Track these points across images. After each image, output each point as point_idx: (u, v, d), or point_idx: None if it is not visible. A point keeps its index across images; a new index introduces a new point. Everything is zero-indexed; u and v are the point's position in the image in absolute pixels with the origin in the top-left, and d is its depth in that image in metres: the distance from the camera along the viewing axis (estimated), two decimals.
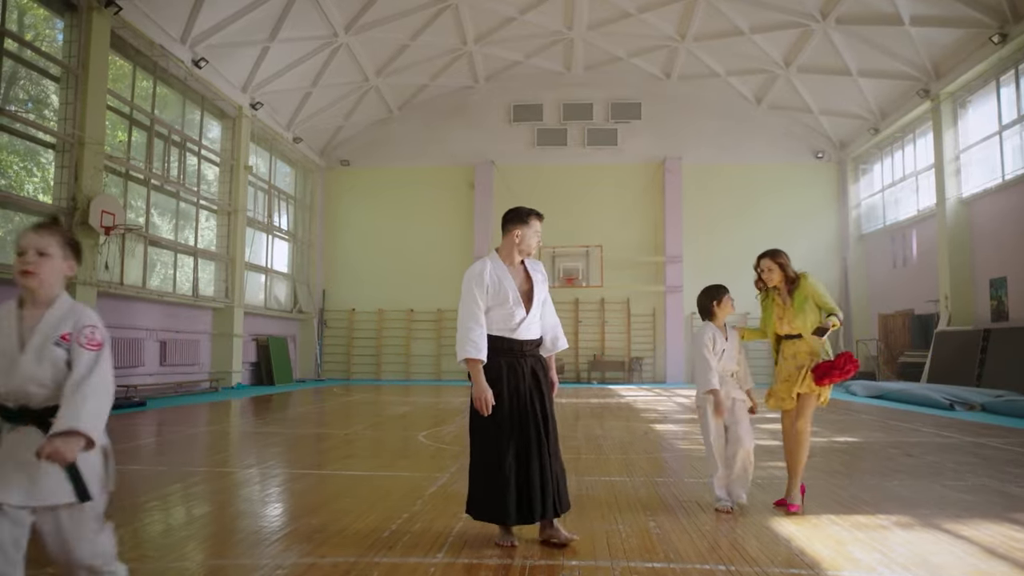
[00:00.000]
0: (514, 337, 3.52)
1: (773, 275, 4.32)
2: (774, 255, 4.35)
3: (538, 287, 3.62)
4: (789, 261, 4.36)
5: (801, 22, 16.30)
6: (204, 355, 15.56)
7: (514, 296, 3.52)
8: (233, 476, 5.49)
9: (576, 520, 3.91)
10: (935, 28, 14.61)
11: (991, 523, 3.81)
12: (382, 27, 16.92)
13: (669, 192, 20.84)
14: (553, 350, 3.74)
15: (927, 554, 3.23)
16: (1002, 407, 10.58)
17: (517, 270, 3.63)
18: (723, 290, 4.42)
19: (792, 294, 4.26)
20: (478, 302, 3.47)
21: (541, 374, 3.58)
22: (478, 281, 3.49)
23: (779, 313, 4.33)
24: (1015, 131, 13.78)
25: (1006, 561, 3.14)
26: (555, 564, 3.14)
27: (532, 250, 3.65)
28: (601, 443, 7.32)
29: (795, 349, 4.24)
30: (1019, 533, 3.61)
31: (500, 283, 3.52)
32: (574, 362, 20.75)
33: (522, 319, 3.52)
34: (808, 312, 4.21)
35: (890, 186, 19.12)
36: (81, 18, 11.38)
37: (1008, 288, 13.77)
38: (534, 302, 3.57)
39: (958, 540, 3.47)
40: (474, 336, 3.42)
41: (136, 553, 3.30)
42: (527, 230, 3.60)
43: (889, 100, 17.83)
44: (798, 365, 4.19)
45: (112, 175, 12.77)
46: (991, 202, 14.50)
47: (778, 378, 4.31)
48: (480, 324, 3.46)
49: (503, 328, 3.51)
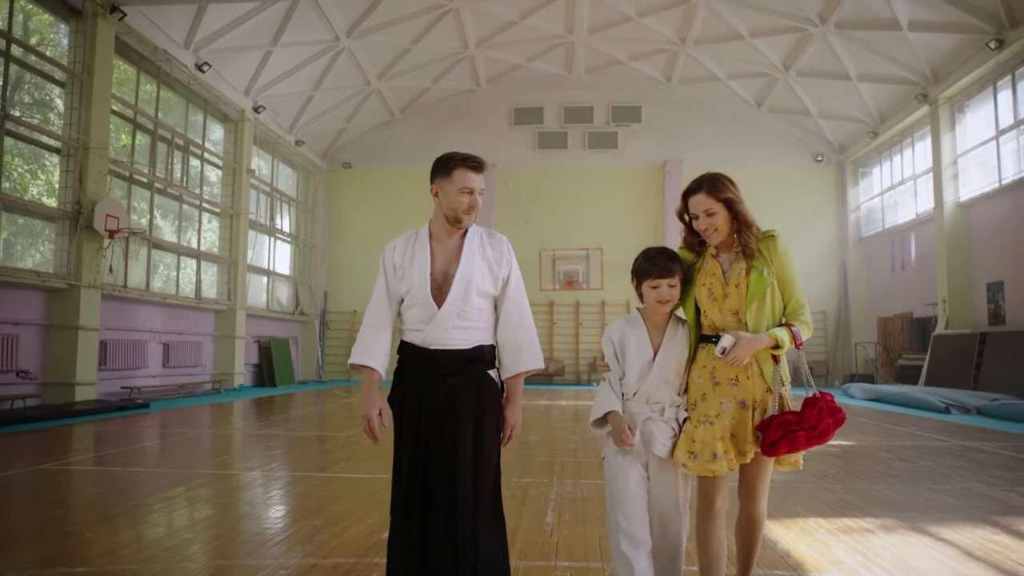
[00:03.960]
0: (421, 344, 2.50)
1: (716, 222, 2.50)
2: (714, 185, 2.51)
3: (465, 270, 2.50)
4: (741, 199, 2.52)
5: (800, 27, 16.40)
6: (207, 357, 15.68)
7: (420, 281, 2.51)
8: (236, 478, 5.60)
9: (571, 523, 4.01)
10: (933, 33, 14.70)
11: (973, 527, 3.91)
12: (384, 31, 17.03)
13: (669, 195, 20.93)
14: (515, 369, 2.54)
15: (908, 557, 3.33)
16: (997, 411, 10.68)
17: (446, 246, 2.57)
18: (655, 263, 2.55)
19: (751, 261, 2.49)
20: (382, 291, 2.62)
21: (469, 404, 2.45)
22: (384, 261, 2.62)
23: (714, 288, 2.54)
24: (1012, 136, 13.87)
25: (984, 564, 3.25)
26: (548, 565, 3.24)
27: (462, 215, 2.50)
28: (599, 445, 7.42)
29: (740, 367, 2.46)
30: (999, 536, 3.71)
31: (412, 263, 2.55)
32: (574, 364, 20.85)
33: (430, 317, 2.48)
34: (768, 300, 2.48)
35: (889, 189, 19.22)
36: (86, 24, 11.51)
37: (1005, 292, 13.86)
38: (451, 292, 2.47)
39: (940, 543, 3.58)
40: (365, 336, 2.59)
41: (144, 555, 3.41)
42: (448, 185, 2.49)
43: (888, 104, 17.93)
44: (739, 399, 2.46)
45: (116, 178, 12.90)
46: (988, 206, 14.59)
47: (697, 415, 2.50)
48: (378, 322, 2.60)
49: (413, 330, 2.55)
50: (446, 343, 2.47)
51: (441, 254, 2.56)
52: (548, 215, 21.11)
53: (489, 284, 2.54)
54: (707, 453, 2.42)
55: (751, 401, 2.46)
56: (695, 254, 2.67)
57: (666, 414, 2.54)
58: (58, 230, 11.31)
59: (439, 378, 2.47)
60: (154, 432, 8.53)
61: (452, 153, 2.54)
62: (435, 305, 2.47)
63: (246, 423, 9.97)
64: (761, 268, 2.47)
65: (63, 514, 4.22)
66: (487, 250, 2.58)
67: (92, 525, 3.91)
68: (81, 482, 5.37)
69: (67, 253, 11.16)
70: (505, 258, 2.59)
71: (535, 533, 3.80)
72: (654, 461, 2.53)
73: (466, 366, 2.49)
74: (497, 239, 2.63)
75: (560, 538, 3.69)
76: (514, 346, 2.55)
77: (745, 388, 2.47)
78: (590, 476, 5.58)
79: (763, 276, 2.47)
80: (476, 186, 2.50)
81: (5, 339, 10.11)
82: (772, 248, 2.50)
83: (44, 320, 10.89)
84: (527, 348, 2.57)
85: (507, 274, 2.58)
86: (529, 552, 3.44)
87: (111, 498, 4.71)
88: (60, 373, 10.90)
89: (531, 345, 2.59)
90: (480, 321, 2.53)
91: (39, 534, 3.73)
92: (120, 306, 12.61)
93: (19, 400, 10.01)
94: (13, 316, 10.31)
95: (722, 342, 2.41)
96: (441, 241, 2.57)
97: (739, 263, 2.52)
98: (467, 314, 2.50)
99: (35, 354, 10.71)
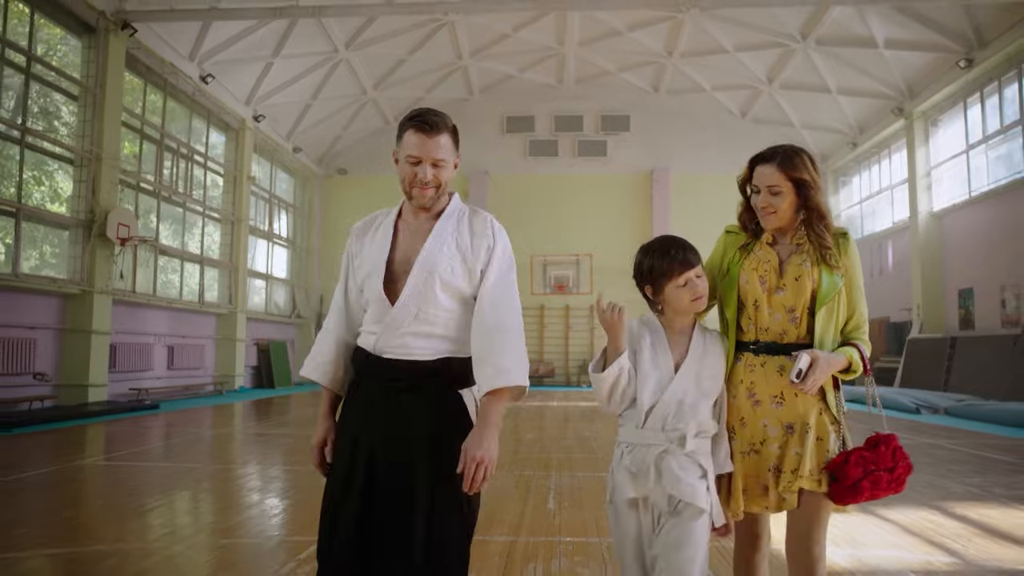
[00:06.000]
0: (373, 351, 1.95)
1: (779, 203, 2.09)
2: (789, 160, 2.09)
3: (427, 257, 1.94)
4: (819, 185, 2.11)
5: (783, 42, 17.08)
6: (209, 359, 16.15)
7: (375, 269, 1.98)
8: (239, 477, 6.15)
9: (570, 508, 4.59)
10: (907, 51, 15.42)
11: (915, 509, 4.52)
12: (381, 43, 17.57)
13: (657, 201, 21.61)
14: (487, 385, 1.89)
15: (855, 533, 3.93)
16: (963, 411, 11.37)
17: (414, 229, 2.04)
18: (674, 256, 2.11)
19: (825, 259, 2.09)
20: (341, 284, 2.13)
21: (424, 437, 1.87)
22: (349, 246, 2.17)
23: (768, 277, 2.12)
24: (981, 150, 14.61)
25: (918, 538, 3.87)
26: (552, 541, 3.82)
27: (414, 192, 2.01)
28: (591, 443, 8.02)
29: (785, 380, 2.04)
30: (935, 516, 4.33)
31: (371, 247, 2.07)
32: (564, 366, 21.46)
33: (382, 314, 1.94)
34: (836, 308, 2.10)
35: (868, 198, 19.97)
36: (99, 40, 11.99)
37: (975, 299, 14.59)
38: (408, 285, 1.92)
39: (884, 522, 4.18)
40: (317, 341, 2.11)
41: (148, 549, 3.96)
42: (399, 152, 2.02)
43: (866, 117, 18.66)
44: (785, 421, 2.05)
45: (125, 187, 13.36)
46: (960, 216, 15.32)
47: (739, 444, 2.10)
48: (329, 325, 2.10)
49: (368, 332, 2.00)
50: (401, 352, 1.91)
51: (407, 238, 2.01)
52: (539, 221, 21.69)
53: (460, 278, 1.94)
54: (756, 488, 2.04)
55: (799, 425, 2.03)
56: (748, 234, 2.22)
57: (689, 445, 1.99)
58: (72, 238, 11.77)
59: (392, 395, 1.90)
60: (165, 432, 9.04)
61: (412, 110, 2.01)
62: (388, 301, 1.92)
63: (247, 424, 10.48)
64: (832, 268, 2.07)
65: (105, 504, 4.77)
66: (464, 235, 1.98)
67: (138, 513, 4.46)
68: (120, 476, 5.91)
69: (80, 260, 11.63)
70: (486, 244, 1.98)
71: (540, 516, 4.37)
72: (671, 507, 1.97)
73: (427, 382, 1.90)
74: (482, 219, 2.03)
75: (562, 520, 4.26)
76: (487, 355, 1.89)
77: (792, 408, 2.03)
78: (585, 470, 6.15)
79: (834, 277, 2.06)
80: (428, 154, 1.94)
81: (23, 343, 10.57)
82: (844, 249, 2.11)
83: (59, 324, 11.35)
84: (500, 360, 1.88)
85: (486, 263, 1.97)
86: (536, 531, 4.01)
87: (150, 489, 5.25)
88: (74, 375, 11.36)
89: (513, 355, 1.90)
90: (449, 327, 1.94)
91: (98, 520, 4.28)
92: (129, 311, 13.08)
93: (37, 401, 10.48)
94: (30, 321, 10.78)
95: (799, 363, 1.94)
96: (408, 222, 2.05)
97: (800, 255, 2.10)
98: (429, 316, 1.91)
99: (50, 357, 11.17)
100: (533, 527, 4.10)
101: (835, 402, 2.07)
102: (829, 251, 2.07)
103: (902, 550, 3.65)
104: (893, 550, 3.65)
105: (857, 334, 2.12)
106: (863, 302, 2.15)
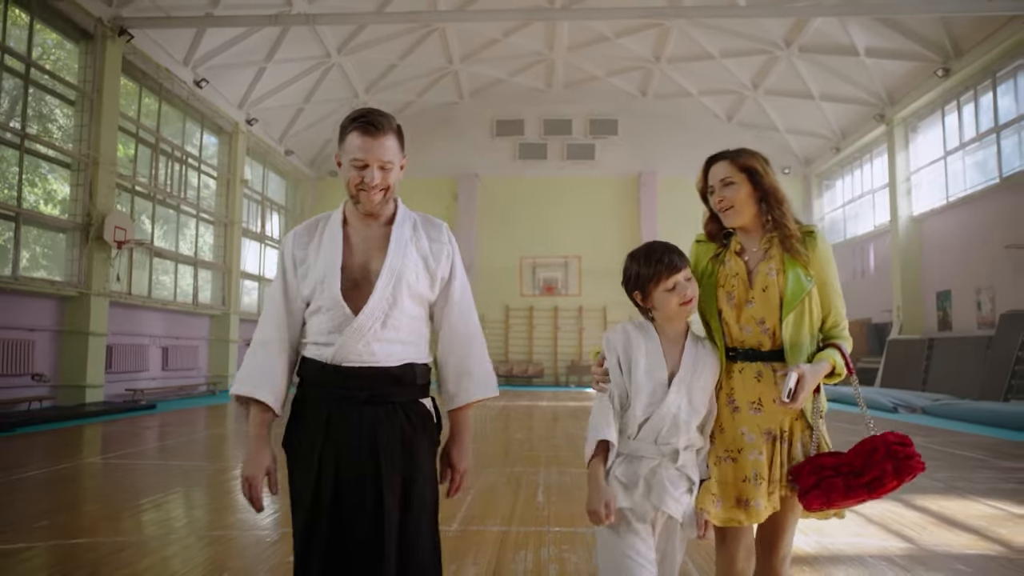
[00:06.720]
0: (329, 362, 1.89)
1: (733, 195, 2.12)
2: (737, 153, 2.17)
3: (393, 263, 1.90)
4: (770, 172, 2.13)
5: (767, 49, 17.47)
6: (202, 360, 16.35)
7: (329, 276, 1.90)
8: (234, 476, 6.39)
9: (558, 502, 4.88)
10: (888, 60, 15.83)
11: (881, 503, 4.83)
12: (373, 48, 17.82)
13: (644, 204, 21.97)
14: (464, 398, 2.00)
15: (822, 524, 4.20)
16: (939, 410, 11.76)
17: (364, 234, 1.97)
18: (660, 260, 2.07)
19: (791, 255, 2.07)
20: (278, 294, 1.97)
21: (396, 447, 1.86)
22: (283, 255, 2.00)
23: (736, 291, 2.11)
24: (958, 156, 15.03)
25: (878, 527, 4.20)
26: (542, 530, 4.11)
27: (361, 196, 1.90)
28: (579, 441, 8.30)
29: (763, 386, 2.05)
30: (898, 508, 4.66)
31: (318, 254, 1.94)
32: (552, 367, 21.78)
33: (342, 325, 1.87)
34: (807, 311, 2.06)
35: (850, 202, 20.40)
36: (96, 46, 12.17)
37: (952, 301, 15.01)
38: (376, 291, 1.88)
39: (850, 514, 4.47)
40: (252, 357, 1.98)
41: (146, 546, 4.22)
42: (343, 154, 1.93)
43: (849, 122, 19.08)
44: (764, 428, 2.05)
45: (120, 191, 13.54)
46: (938, 220, 15.74)
47: (716, 450, 2.10)
48: (270, 338, 1.96)
49: (320, 343, 1.92)
50: (364, 359, 1.86)
51: (358, 244, 1.94)
52: (528, 223, 22.01)
53: (424, 285, 1.95)
54: (730, 497, 2.02)
55: (778, 431, 2.04)
56: (717, 245, 2.21)
57: (680, 459, 2.00)
58: (69, 241, 11.96)
59: (353, 408, 1.85)
60: (168, 431, 9.27)
61: (355, 111, 1.94)
62: (347, 309, 1.86)
63: (241, 424, 10.69)
64: (798, 269, 2.04)
65: (130, 497, 5.02)
66: (423, 241, 1.97)
67: (146, 507, 4.71)
68: (117, 475, 6.15)
69: (78, 263, 11.82)
70: (446, 251, 1.99)
71: (530, 508, 4.67)
72: (660, 523, 2.00)
73: (390, 391, 1.88)
74: (436, 227, 2.03)
75: (551, 512, 4.56)
76: (461, 368, 1.98)
77: (771, 414, 2.03)
78: (574, 467, 6.45)
79: (801, 280, 2.03)
80: (374, 157, 1.87)
81: (22, 344, 10.76)
82: (811, 247, 2.07)
83: (57, 326, 11.54)
84: (477, 370, 2.00)
85: (448, 272, 1.99)
86: (527, 521, 4.30)
87: (148, 487, 5.51)
88: (71, 376, 11.55)
89: (482, 367, 2.01)
90: (412, 333, 1.93)
91: (110, 515, 4.54)
92: (126, 312, 13.27)
93: (35, 402, 10.68)
94: (29, 322, 10.97)
95: (788, 381, 1.91)
96: (357, 228, 1.96)
97: (767, 263, 2.08)
98: (395, 323, 1.89)
99: (49, 358, 11.36)
100: (524, 518, 4.39)
101: (810, 407, 2.05)
102: (794, 238, 2.06)
103: (863, 538, 3.98)
104: (855, 538, 3.98)
105: (836, 332, 2.10)
106: (839, 299, 2.11)
